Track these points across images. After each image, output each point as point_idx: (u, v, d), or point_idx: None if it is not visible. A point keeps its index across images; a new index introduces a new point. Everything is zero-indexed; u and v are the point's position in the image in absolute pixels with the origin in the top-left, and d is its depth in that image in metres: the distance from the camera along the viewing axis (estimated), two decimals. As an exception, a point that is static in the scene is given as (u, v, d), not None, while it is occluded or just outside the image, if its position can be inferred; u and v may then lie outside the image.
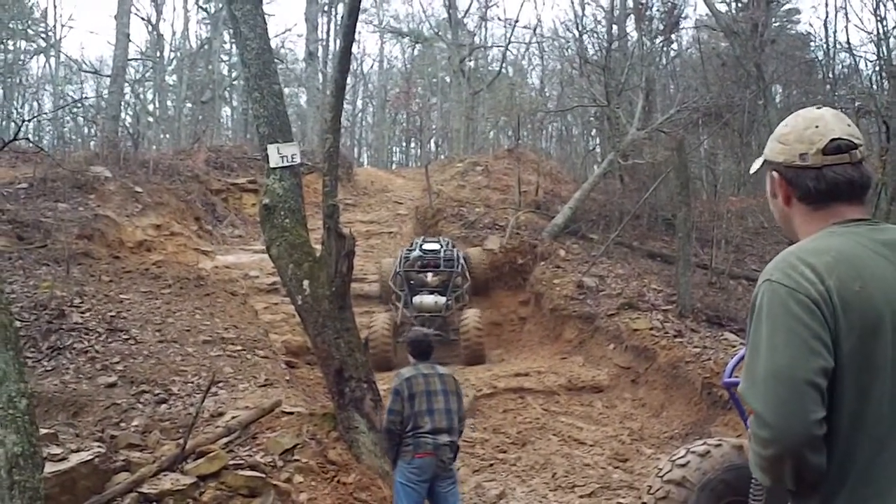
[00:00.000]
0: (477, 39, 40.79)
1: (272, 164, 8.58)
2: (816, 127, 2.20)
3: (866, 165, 2.22)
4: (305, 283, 8.23)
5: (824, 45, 29.00)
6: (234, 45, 35.58)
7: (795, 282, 1.99)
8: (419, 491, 6.56)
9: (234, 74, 39.86)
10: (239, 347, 10.50)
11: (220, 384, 8.97)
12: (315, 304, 8.17)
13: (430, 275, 15.89)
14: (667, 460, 5.86)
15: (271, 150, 8.56)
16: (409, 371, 6.80)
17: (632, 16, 26.54)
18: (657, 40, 26.20)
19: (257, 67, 8.97)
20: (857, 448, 1.94)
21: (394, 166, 44.51)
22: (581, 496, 9.21)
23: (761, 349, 1.97)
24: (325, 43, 39.07)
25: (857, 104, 19.18)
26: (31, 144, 17.24)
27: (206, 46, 39.18)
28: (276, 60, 10.70)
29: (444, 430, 6.56)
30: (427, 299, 15.42)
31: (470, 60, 37.64)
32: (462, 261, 16.47)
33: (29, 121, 20.67)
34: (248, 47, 8.97)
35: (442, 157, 37.05)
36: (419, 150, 48.67)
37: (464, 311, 15.32)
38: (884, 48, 24.14)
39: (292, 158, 8.61)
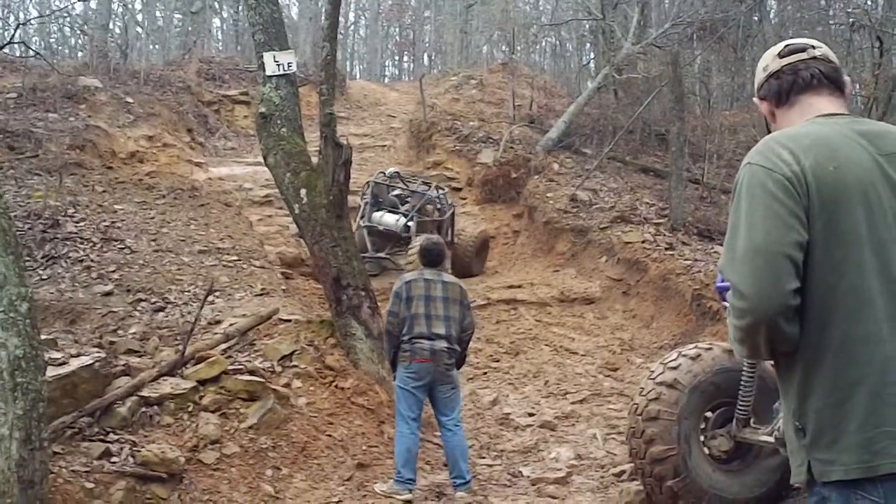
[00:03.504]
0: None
1: (268, 73, 8.48)
2: (778, 45, 2.46)
3: (833, 64, 2.38)
4: (303, 191, 8.23)
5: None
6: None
7: (772, 162, 2.12)
8: (418, 395, 6.70)
9: (223, -16, 39.06)
10: (234, 257, 10.54)
11: (217, 293, 9.02)
12: (312, 213, 8.19)
13: (399, 193, 15.00)
14: (659, 363, 5.97)
15: (267, 57, 8.46)
16: (411, 275, 6.94)
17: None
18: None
19: (252, -27, 8.82)
20: (833, 318, 2.04)
21: (386, 80, 43.99)
22: (573, 402, 9.41)
23: (740, 227, 2.10)
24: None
25: (850, 19, 18.95)
26: (28, 49, 16.97)
27: (195, -45, 38.29)
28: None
29: (442, 337, 6.67)
30: (388, 216, 14.32)
31: (464, -28, 36.95)
32: (444, 198, 15.32)
33: (24, 24, 20.22)
34: (242, -48, 8.82)
35: (435, 71, 36.58)
36: (412, 64, 48.04)
37: (418, 237, 13.18)
38: (880, -37, 23.78)
39: (288, 66, 8.51)
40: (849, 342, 2.03)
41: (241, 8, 30.87)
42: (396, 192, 15.07)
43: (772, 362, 2.23)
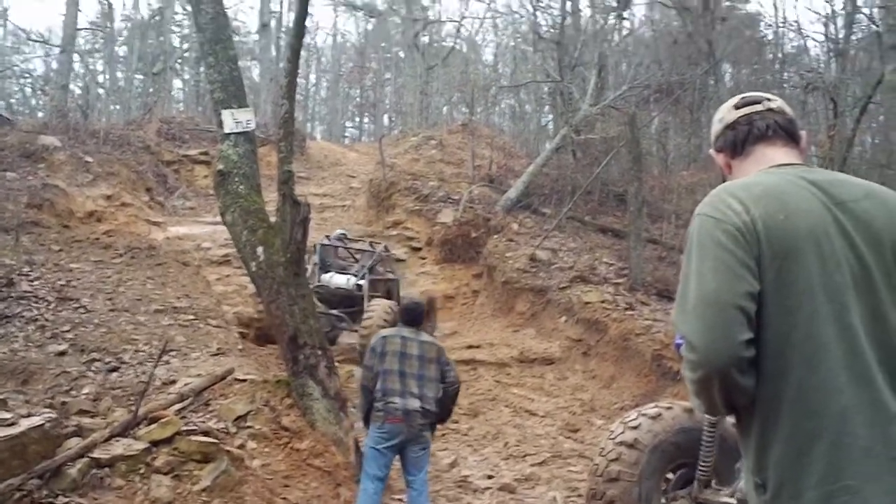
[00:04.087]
0: (431, 14, 40.67)
1: (227, 130, 8.48)
2: (734, 98, 2.50)
3: (788, 115, 2.42)
4: (260, 249, 8.18)
5: (774, 25, 29.38)
6: (186, 16, 35.12)
7: (722, 213, 2.11)
8: (387, 455, 6.60)
9: (185, 46, 39.33)
10: (191, 317, 10.40)
11: (173, 353, 8.89)
12: (269, 271, 8.13)
13: (346, 254, 14.95)
14: (619, 423, 5.95)
15: (226, 115, 8.47)
16: (388, 331, 6.90)
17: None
18: (610, 17, 26.28)
19: (212, 32, 8.86)
20: (788, 368, 2.01)
21: (346, 141, 44.23)
22: (532, 464, 9.33)
23: (691, 278, 2.08)
24: (278, 14, 38.62)
25: (804, 82, 19.45)
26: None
27: (157, 17, 38.55)
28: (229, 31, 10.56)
29: (416, 396, 6.58)
30: (338, 277, 14.08)
31: (424, 35, 37.51)
32: (387, 260, 15.28)
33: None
34: (203, 11, 8.86)
35: (395, 131, 36.90)
36: (373, 125, 48.44)
37: (374, 300, 13.30)
38: (832, 28, 24.50)
39: (247, 124, 8.52)
40: (804, 392, 1.98)
41: (201, 69, 31.06)
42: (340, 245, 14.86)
43: (733, 419, 2.20)
